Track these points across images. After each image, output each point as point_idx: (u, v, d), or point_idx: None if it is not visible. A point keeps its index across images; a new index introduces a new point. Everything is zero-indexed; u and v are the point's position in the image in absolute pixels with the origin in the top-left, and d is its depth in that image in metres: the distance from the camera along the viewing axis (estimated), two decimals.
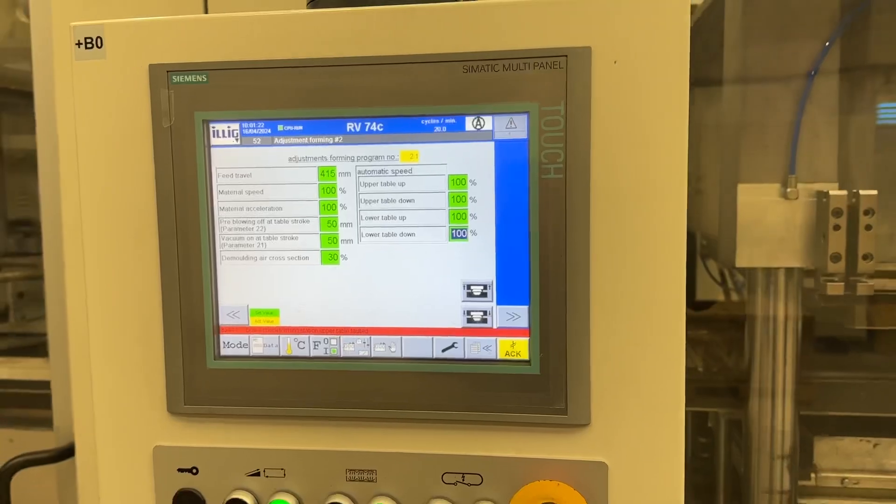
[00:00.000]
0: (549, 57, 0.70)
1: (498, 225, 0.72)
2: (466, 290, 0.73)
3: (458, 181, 0.73)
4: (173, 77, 0.74)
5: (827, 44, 1.06)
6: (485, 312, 0.73)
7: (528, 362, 0.72)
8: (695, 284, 1.94)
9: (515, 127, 0.71)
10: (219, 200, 0.75)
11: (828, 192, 1.04)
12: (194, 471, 0.77)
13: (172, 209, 0.75)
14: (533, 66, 0.70)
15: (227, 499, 0.75)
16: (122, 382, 0.78)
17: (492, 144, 0.72)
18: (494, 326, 0.73)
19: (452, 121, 0.72)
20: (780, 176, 1.08)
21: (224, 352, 0.76)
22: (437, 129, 0.72)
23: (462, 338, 0.74)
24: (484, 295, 0.73)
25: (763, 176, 1.09)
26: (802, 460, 1.29)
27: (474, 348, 0.74)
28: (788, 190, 1.06)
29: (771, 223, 1.08)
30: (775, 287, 1.15)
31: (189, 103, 0.74)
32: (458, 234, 0.73)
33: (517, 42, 0.70)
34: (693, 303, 1.88)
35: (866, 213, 1.02)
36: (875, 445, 1.30)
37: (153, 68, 0.74)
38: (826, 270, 1.05)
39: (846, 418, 1.38)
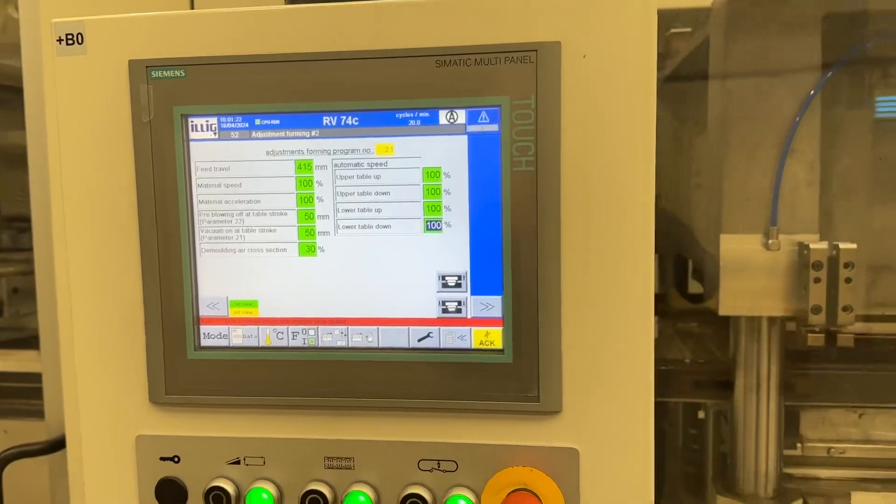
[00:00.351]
0: (519, 51, 0.71)
1: (471, 217, 0.74)
2: (441, 281, 0.75)
3: (433, 174, 0.74)
4: (152, 72, 0.75)
5: (812, 92, 1.06)
6: (459, 303, 0.75)
7: (501, 351, 0.74)
8: (687, 277, 1.95)
9: (488, 120, 0.73)
10: (198, 193, 0.77)
11: (808, 244, 1.04)
12: (176, 459, 0.79)
13: (152, 202, 0.76)
14: (504, 61, 0.71)
15: (208, 486, 0.77)
16: (105, 373, 0.79)
17: (465, 138, 0.73)
18: (469, 316, 0.75)
19: (426, 114, 0.73)
20: (762, 223, 1.08)
21: (204, 342, 0.78)
22: (412, 122, 0.74)
23: (437, 327, 0.75)
24: (458, 285, 0.75)
25: (745, 224, 1.09)
26: (789, 431, 1.30)
27: (449, 338, 0.75)
28: (770, 241, 1.07)
29: (753, 273, 1.09)
30: (759, 333, 1.17)
31: (168, 98, 0.75)
32: (433, 225, 0.74)
33: (488, 37, 0.71)
34: (687, 295, 1.88)
35: (846, 266, 1.03)
36: (861, 415, 1.32)
37: (132, 64, 0.76)
38: (807, 322, 1.06)
39: (830, 408, 1.39)
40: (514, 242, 0.73)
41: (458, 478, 0.75)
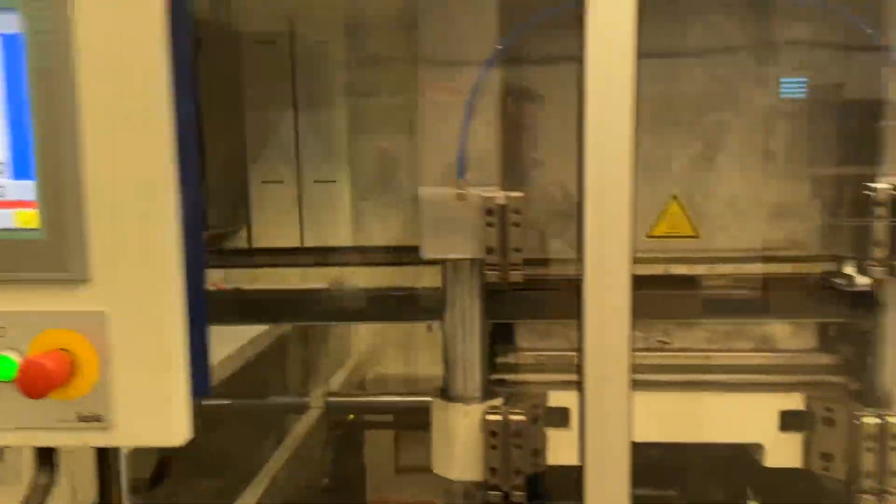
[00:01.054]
0: None
1: (7, 110, 0.83)
2: None
3: None
4: None
5: (488, 58, 1.16)
6: (1, 187, 0.84)
7: (38, 230, 0.84)
8: None
9: (13, 23, 0.81)
10: None
11: (486, 194, 1.19)
12: None
13: None
14: None
15: None
16: None
17: None
18: (9, 199, 0.84)
19: None
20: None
21: None
22: None
23: None
24: (0, 172, 0.84)
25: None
26: (504, 339, 1.43)
27: None
28: (459, 192, 1.21)
29: (447, 221, 1.23)
30: (460, 273, 1.30)
31: None
32: None
33: None
34: None
35: (515, 212, 1.18)
36: (567, 327, 1.46)
37: None
38: (487, 261, 1.21)
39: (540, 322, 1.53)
40: (43, 133, 0.82)
41: (5, 342, 0.85)
